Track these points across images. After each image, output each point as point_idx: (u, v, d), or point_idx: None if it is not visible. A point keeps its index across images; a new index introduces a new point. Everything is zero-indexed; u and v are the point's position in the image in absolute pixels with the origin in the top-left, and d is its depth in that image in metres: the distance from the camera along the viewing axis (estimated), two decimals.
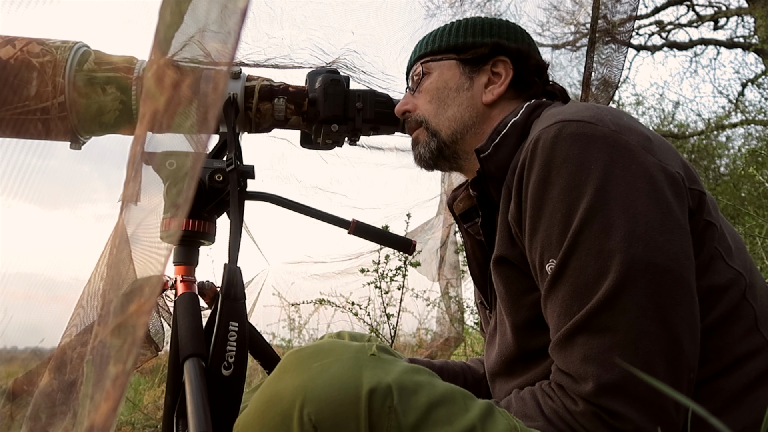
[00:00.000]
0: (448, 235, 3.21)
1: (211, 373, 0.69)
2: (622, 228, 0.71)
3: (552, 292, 0.76)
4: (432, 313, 3.49)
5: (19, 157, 0.66)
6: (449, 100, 1.00)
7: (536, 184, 0.78)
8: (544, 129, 0.79)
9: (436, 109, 1.01)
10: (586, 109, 0.81)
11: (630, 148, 0.76)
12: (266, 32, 1.50)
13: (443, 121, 1.00)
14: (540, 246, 0.77)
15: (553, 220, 0.76)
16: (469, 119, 0.99)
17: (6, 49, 0.89)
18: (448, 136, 1.00)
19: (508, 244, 0.85)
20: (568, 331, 0.73)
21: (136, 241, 0.66)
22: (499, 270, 0.88)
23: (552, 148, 0.77)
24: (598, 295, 0.71)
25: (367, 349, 0.68)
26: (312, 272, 3.03)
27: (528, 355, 0.85)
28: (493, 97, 0.99)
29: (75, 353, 0.77)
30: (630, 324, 0.69)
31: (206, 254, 1.00)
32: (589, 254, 0.72)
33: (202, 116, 0.49)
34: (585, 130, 0.77)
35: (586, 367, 0.70)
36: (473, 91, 1.00)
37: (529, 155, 0.79)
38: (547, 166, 0.77)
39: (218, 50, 0.50)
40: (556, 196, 0.76)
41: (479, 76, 1.00)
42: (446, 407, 0.65)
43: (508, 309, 0.87)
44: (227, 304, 0.73)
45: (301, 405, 0.61)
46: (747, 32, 9.47)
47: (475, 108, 0.99)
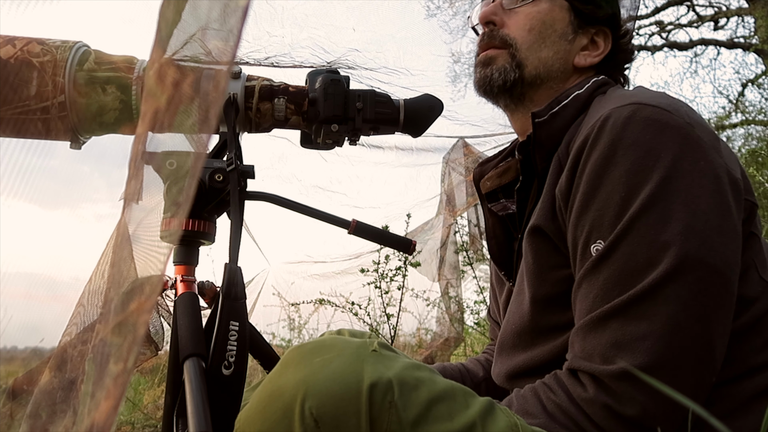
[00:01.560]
0: (448, 235, 3.22)
1: (212, 373, 0.69)
2: (680, 221, 0.70)
3: (592, 273, 0.75)
4: (432, 313, 3.50)
5: (20, 156, 0.66)
6: (549, 41, 0.95)
7: (598, 161, 0.76)
8: (617, 108, 0.77)
9: (532, 42, 0.95)
10: (662, 96, 0.79)
11: (701, 145, 0.74)
12: (267, 30, 1.50)
13: (534, 58, 0.95)
14: (589, 225, 0.76)
15: (609, 201, 0.74)
16: (556, 72, 0.95)
17: (6, 49, 0.89)
18: (531, 76, 0.95)
19: (549, 216, 0.84)
20: (603, 313, 0.72)
21: (137, 241, 0.66)
22: (532, 240, 0.86)
23: (623, 128, 0.75)
24: (643, 283, 0.70)
25: (368, 345, 0.68)
26: (312, 272, 3.03)
27: (538, 330, 0.85)
28: (585, 64, 0.96)
29: (76, 351, 0.77)
30: (669, 317, 0.69)
31: (206, 254, 1.00)
32: (641, 242, 0.71)
33: (203, 115, 0.49)
34: (660, 117, 0.75)
35: (614, 351, 0.70)
36: (572, 47, 0.96)
37: (596, 131, 0.77)
38: (614, 145, 0.75)
39: (220, 49, 0.50)
40: (617, 177, 0.74)
41: (581, 36, 0.97)
42: (447, 403, 0.65)
43: (531, 280, 0.86)
44: (228, 303, 0.73)
45: (303, 399, 0.61)
46: (747, 32, 9.48)
47: (565, 63, 0.96)
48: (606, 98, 0.86)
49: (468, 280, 3.55)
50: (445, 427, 0.63)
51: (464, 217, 3.60)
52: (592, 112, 0.85)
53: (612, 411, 0.69)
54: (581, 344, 0.74)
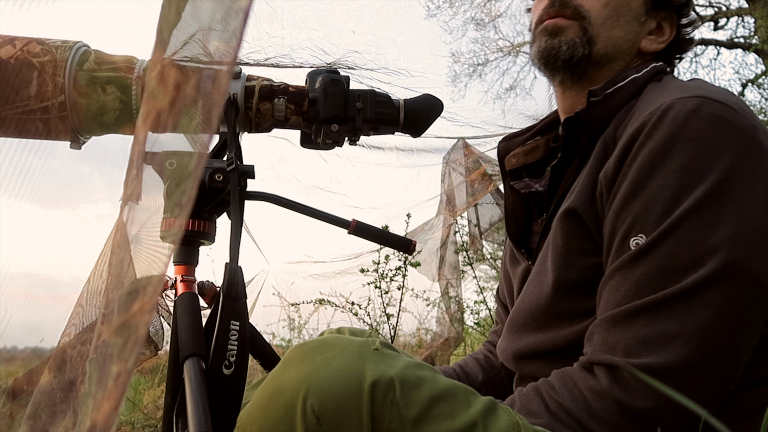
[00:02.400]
0: (448, 235, 3.22)
1: (212, 372, 0.69)
2: (730, 227, 0.68)
3: (627, 267, 0.73)
4: (432, 313, 3.50)
5: (21, 156, 0.66)
6: (622, 20, 0.91)
7: (653, 152, 0.73)
8: (681, 99, 0.74)
9: (606, 18, 0.90)
10: (728, 93, 0.76)
11: (762, 150, 0.72)
12: (266, 31, 1.50)
13: (605, 36, 0.91)
14: (632, 217, 0.73)
15: (658, 195, 0.72)
16: (622, 53, 0.92)
17: (6, 49, 0.89)
18: (599, 55, 0.91)
19: (587, 200, 0.81)
20: (633, 308, 0.70)
21: (137, 241, 0.66)
22: (565, 222, 0.83)
23: (685, 120, 0.72)
24: (681, 284, 0.68)
25: (370, 344, 0.68)
26: (312, 272, 3.03)
27: (555, 314, 0.83)
28: (651, 49, 0.93)
29: (75, 352, 0.77)
30: (703, 320, 0.68)
31: (206, 254, 1.00)
32: (686, 242, 0.69)
33: (206, 116, 0.49)
34: (725, 115, 0.72)
35: (639, 347, 0.69)
36: (641, 30, 0.93)
37: (655, 120, 0.74)
38: (673, 137, 0.72)
39: (221, 50, 0.50)
40: (671, 171, 0.71)
41: (650, 20, 0.94)
42: (448, 402, 0.65)
43: (557, 263, 0.83)
44: (228, 303, 0.73)
45: (305, 396, 0.61)
46: (747, 32, 9.47)
47: (633, 45, 0.93)
48: (663, 86, 0.84)
49: (468, 280, 3.55)
50: (447, 426, 0.63)
51: (464, 217, 3.60)
52: (646, 99, 0.82)
53: (623, 406, 0.69)
54: (604, 336, 0.73)
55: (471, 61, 8.02)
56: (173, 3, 0.60)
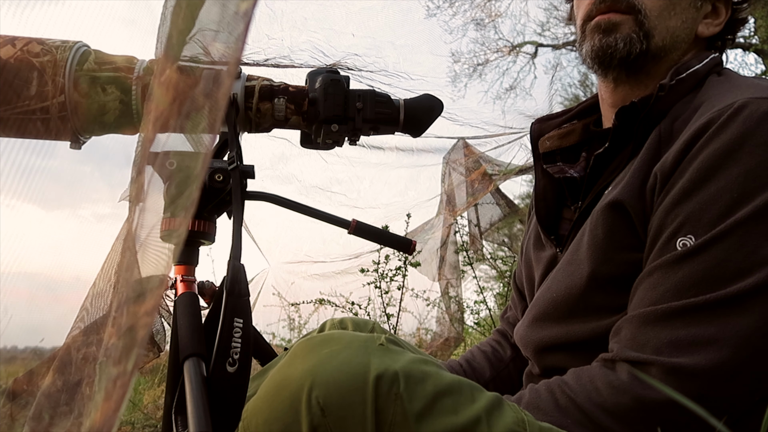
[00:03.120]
0: (448, 235, 3.22)
1: (216, 370, 0.69)
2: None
3: (670, 266, 0.71)
4: (432, 313, 3.49)
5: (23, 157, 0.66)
6: (679, 8, 0.87)
7: (719, 151, 0.70)
8: (756, 99, 0.71)
9: (662, 8, 0.86)
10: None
11: None
12: (266, 33, 1.51)
13: (662, 28, 0.86)
14: (684, 216, 0.71)
15: (717, 198, 0.69)
16: (681, 42, 0.88)
17: (6, 49, 0.89)
18: (657, 48, 0.87)
19: (636, 193, 0.78)
20: (670, 310, 0.69)
21: (142, 242, 0.66)
22: (608, 214, 0.80)
23: (759, 123, 0.69)
24: (725, 290, 0.66)
25: (376, 339, 0.68)
26: (312, 272, 3.03)
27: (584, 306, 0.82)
28: (708, 33, 0.90)
29: (80, 354, 0.77)
30: (743, 329, 0.66)
31: (206, 254, 1.00)
32: (740, 250, 0.67)
33: (213, 119, 0.49)
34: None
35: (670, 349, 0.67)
36: (697, 15, 0.89)
37: (725, 118, 0.71)
38: (743, 138, 0.69)
39: (225, 53, 0.50)
40: (735, 174, 0.68)
41: (706, 3, 0.90)
42: (452, 397, 0.65)
43: (596, 256, 0.80)
44: (231, 300, 0.73)
45: (310, 388, 0.62)
46: (747, 32, 9.47)
47: (690, 33, 0.89)
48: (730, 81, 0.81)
49: (468, 280, 3.55)
50: (450, 421, 0.63)
51: (464, 217, 3.60)
52: (711, 93, 0.79)
53: (641, 402, 0.68)
54: (633, 332, 0.71)
55: (471, 61, 8.02)
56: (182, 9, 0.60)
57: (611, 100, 0.96)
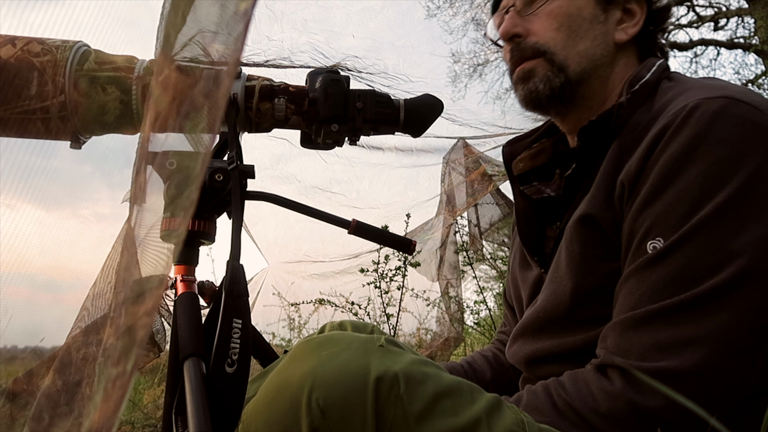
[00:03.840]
0: (447, 235, 3.21)
1: (215, 371, 0.69)
2: (754, 232, 0.67)
3: (643, 270, 0.72)
4: (432, 313, 3.49)
5: (24, 157, 0.66)
6: (582, 31, 0.88)
7: (677, 154, 0.71)
8: (706, 99, 0.72)
9: (565, 39, 0.88)
10: (754, 93, 0.74)
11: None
12: (266, 35, 1.51)
13: (573, 55, 0.88)
14: (651, 219, 0.72)
15: (680, 199, 0.70)
16: (600, 59, 0.89)
17: (6, 49, 0.89)
18: (577, 74, 0.88)
19: (603, 204, 0.79)
20: (648, 313, 0.69)
21: (142, 242, 0.66)
22: (580, 229, 0.81)
23: (710, 122, 0.70)
24: (699, 288, 0.67)
25: (375, 340, 0.68)
26: (311, 272, 3.03)
27: (572, 321, 0.82)
28: (627, 38, 0.89)
29: (80, 354, 0.77)
30: (721, 326, 0.67)
31: (206, 254, 1.00)
32: (707, 247, 0.68)
33: (212, 119, 0.49)
34: (753, 116, 0.70)
35: (653, 352, 0.68)
36: (607, 26, 0.89)
37: (679, 121, 0.72)
38: (698, 139, 0.70)
39: (224, 53, 0.50)
40: (695, 174, 0.69)
41: (613, 10, 0.90)
42: (452, 398, 0.65)
43: (575, 271, 0.81)
44: (231, 301, 0.73)
45: (310, 390, 0.62)
46: (747, 33, 9.47)
47: (607, 47, 0.89)
48: (682, 85, 0.82)
49: (468, 280, 3.55)
50: (450, 422, 0.63)
51: (464, 217, 3.60)
52: (665, 99, 0.80)
53: (635, 407, 0.68)
54: (617, 340, 0.72)
55: (471, 61, 8.03)
56: (179, 8, 0.60)
57: (566, 128, 0.99)
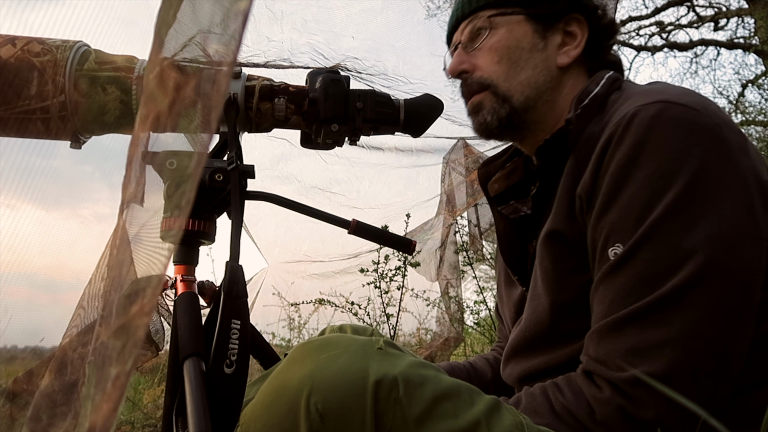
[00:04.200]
0: (447, 235, 3.21)
1: (213, 371, 0.69)
2: (706, 228, 0.68)
3: (609, 277, 0.73)
4: (432, 313, 3.49)
5: (24, 157, 0.67)
6: (522, 61, 0.90)
7: (622, 161, 0.73)
8: (643, 106, 0.73)
9: (506, 72, 0.91)
10: (690, 93, 0.76)
11: (729, 146, 0.72)
12: (266, 35, 1.50)
13: (516, 85, 0.90)
14: (608, 227, 0.73)
15: (631, 204, 0.71)
16: (544, 84, 0.91)
17: (6, 48, 0.89)
18: (521, 103, 0.91)
19: (567, 219, 0.81)
20: (618, 319, 0.70)
21: (137, 242, 0.66)
22: (549, 245, 0.83)
23: (649, 127, 0.72)
24: (662, 289, 0.68)
25: (374, 343, 0.68)
26: (311, 272, 3.03)
27: (557, 336, 0.83)
28: (569, 60, 0.91)
29: (76, 354, 0.77)
30: (689, 324, 0.67)
31: (206, 254, 1.00)
32: (663, 248, 0.69)
33: (205, 118, 0.49)
34: (689, 117, 0.72)
35: (631, 358, 0.68)
36: (548, 53, 0.91)
37: (621, 130, 0.74)
38: (640, 145, 0.72)
39: (221, 52, 0.50)
40: (641, 179, 0.71)
41: (552, 36, 0.91)
42: (452, 401, 0.65)
43: (550, 287, 0.83)
44: (229, 301, 0.73)
45: (308, 394, 0.62)
46: (747, 33, 9.48)
47: (549, 72, 0.91)
48: (626, 94, 0.83)
49: (468, 280, 3.55)
50: (450, 425, 0.63)
51: (464, 217, 3.60)
52: (612, 110, 0.82)
53: (626, 413, 0.68)
54: (595, 348, 0.73)
55: None
56: (171, 4, 0.60)
57: (527, 150, 1.00)
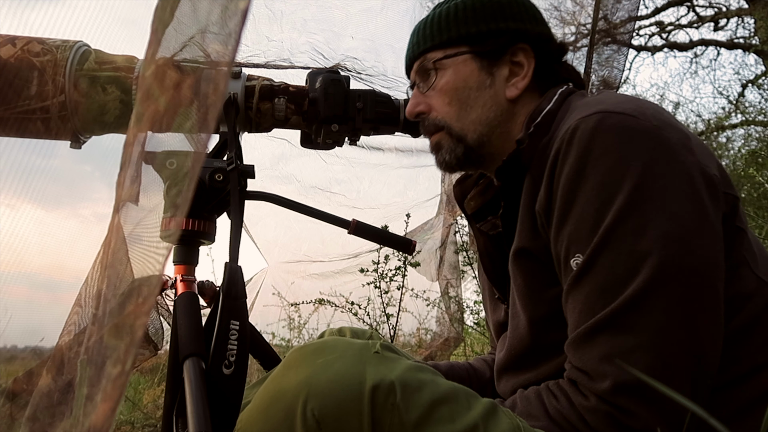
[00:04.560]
0: (447, 235, 3.21)
1: (212, 372, 0.69)
2: (657, 229, 0.69)
3: (575, 288, 0.74)
4: (432, 313, 3.49)
5: (24, 157, 0.67)
6: (471, 101, 0.92)
7: (570, 175, 0.74)
8: (583, 118, 0.75)
9: (457, 112, 0.92)
10: (627, 101, 0.78)
11: (671, 146, 0.73)
12: (266, 35, 1.50)
13: (468, 124, 0.92)
14: (567, 239, 0.75)
15: (584, 215, 0.73)
16: (495, 119, 0.92)
17: (6, 48, 0.89)
18: (475, 140, 0.92)
19: (531, 235, 0.82)
20: (588, 328, 0.71)
21: (135, 241, 0.66)
22: (519, 263, 0.84)
23: (590, 139, 0.73)
24: (624, 294, 0.69)
25: (371, 346, 0.68)
26: (311, 272, 3.03)
27: (541, 351, 0.84)
28: (518, 92, 0.91)
29: (72, 353, 0.77)
30: (655, 326, 0.68)
31: (206, 254, 1.00)
32: (620, 253, 0.70)
33: (202, 117, 0.49)
34: (627, 123, 0.73)
35: (605, 365, 0.69)
36: (495, 88, 0.92)
37: (565, 144, 0.76)
38: (584, 157, 0.73)
39: (219, 51, 0.50)
40: (590, 189, 0.73)
41: (499, 70, 0.92)
42: (449, 405, 0.65)
43: (526, 303, 0.84)
44: (228, 302, 0.73)
45: (305, 400, 0.62)
46: (747, 33, 9.47)
47: (499, 106, 0.92)
48: (572, 107, 0.85)
49: (468, 280, 3.55)
50: (447, 429, 0.63)
51: (464, 217, 3.59)
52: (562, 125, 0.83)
53: (615, 419, 0.69)
54: (573, 359, 0.74)
55: None
56: (169, 2, 0.60)
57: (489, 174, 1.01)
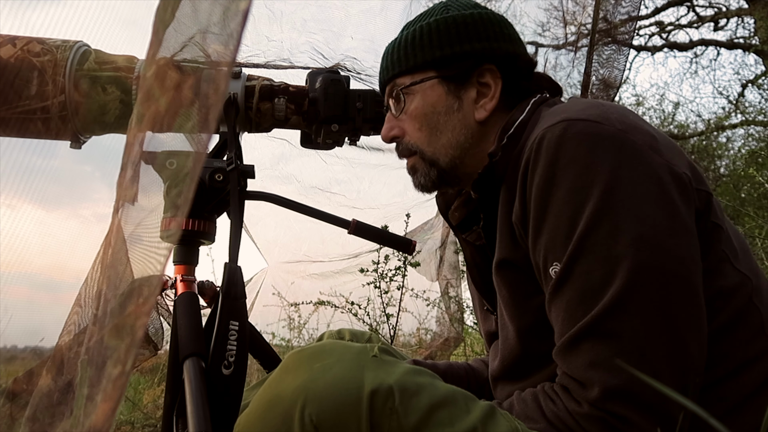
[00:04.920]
0: (447, 235, 3.21)
1: (212, 372, 0.69)
2: (629, 232, 0.69)
3: (556, 296, 0.74)
4: (432, 313, 3.48)
5: (24, 157, 0.67)
6: (440, 126, 0.92)
7: (540, 185, 0.75)
8: (549, 128, 0.76)
9: (428, 137, 0.93)
10: (592, 106, 0.78)
11: (637, 148, 0.73)
12: (266, 35, 1.50)
13: (439, 149, 0.92)
14: (544, 249, 0.75)
15: (557, 223, 0.73)
16: (465, 142, 0.92)
17: (6, 48, 0.89)
18: (447, 163, 0.93)
19: (511, 246, 0.83)
20: (572, 336, 0.71)
21: (135, 241, 0.66)
22: (502, 274, 0.85)
23: (557, 147, 0.74)
24: (604, 300, 0.69)
25: (368, 350, 0.68)
26: (311, 272, 3.03)
27: (532, 359, 0.84)
28: (486, 113, 0.91)
29: (72, 353, 0.77)
30: (636, 330, 0.68)
31: (206, 254, 1.00)
32: (595, 259, 0.70)
33: (203, 118, 0.49)
34: (591, 130, 0.74)
35: (591, 372, 0.69)
36: (464, 111, 0.92)
37: (533, 155, 0.76)
38: (552, 166, 0.74)
39: (220, 52, 0.50)
40: (561, 197, 0.73)
41: (467, 92, 0.92)
42: (447, 409, 0.65)
43: (512, 313, 0.84)
44: (228, 303, 0.73)
45: (303, 405, 0.61)
46: (747, 33, 9.47)
47: (469, 129, 0.92)
48: (541, 117, 0.85)
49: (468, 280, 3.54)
50: None
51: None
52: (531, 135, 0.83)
53: (609, 425, 0.69)
54: (562, 365, 0.74)
55: None
56: (170, 2, 0.60)
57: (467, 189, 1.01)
